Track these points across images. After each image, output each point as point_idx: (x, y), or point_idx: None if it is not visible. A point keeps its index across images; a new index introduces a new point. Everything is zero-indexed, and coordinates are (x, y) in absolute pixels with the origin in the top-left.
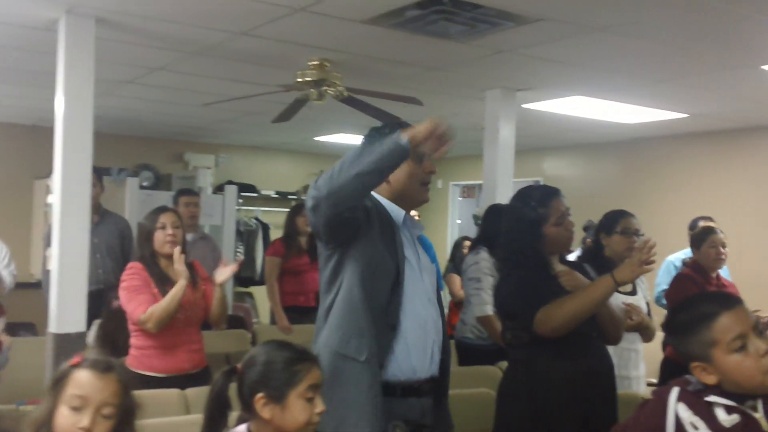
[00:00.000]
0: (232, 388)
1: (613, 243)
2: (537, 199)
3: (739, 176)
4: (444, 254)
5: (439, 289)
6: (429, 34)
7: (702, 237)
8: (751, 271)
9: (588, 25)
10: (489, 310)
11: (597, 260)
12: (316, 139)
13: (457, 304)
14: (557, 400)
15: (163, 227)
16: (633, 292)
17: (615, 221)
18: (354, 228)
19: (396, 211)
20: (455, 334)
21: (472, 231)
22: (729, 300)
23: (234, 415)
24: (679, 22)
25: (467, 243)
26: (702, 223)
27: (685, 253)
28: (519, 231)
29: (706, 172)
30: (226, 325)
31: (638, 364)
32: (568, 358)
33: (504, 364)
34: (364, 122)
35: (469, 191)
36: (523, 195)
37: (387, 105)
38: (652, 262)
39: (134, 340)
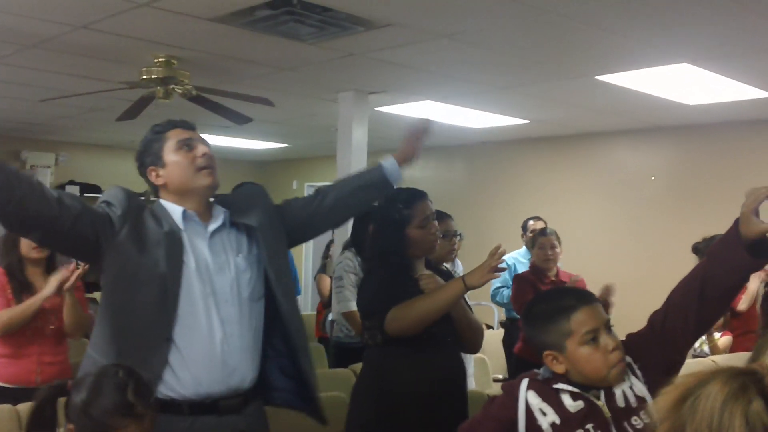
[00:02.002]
0: None
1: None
2: (402, 201)
3: (576, 179)
4: (300, 256)
5: (269, 288)
6: (279, 34)
7: (534, 239)
8: (585, 269)
9: (434, 31)
10: (352, 306)
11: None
12: None
13: (325, 305)
14: (404, 403)
15: None
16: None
17: None
18: (90, 243)
19: (176, 212)
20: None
21: (329, 233)
22: (587, 296)
23: None
24: (520, 33)
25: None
26: (531, 223)
27: (519, 252)
28: (383, 231)
29: (546, 176)
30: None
31: (470, 363)
32: (417, 361)
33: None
34: (216, 122)
35: None
36: (390, 196)
37: (239, 105)
38: (504, 269)
39: None
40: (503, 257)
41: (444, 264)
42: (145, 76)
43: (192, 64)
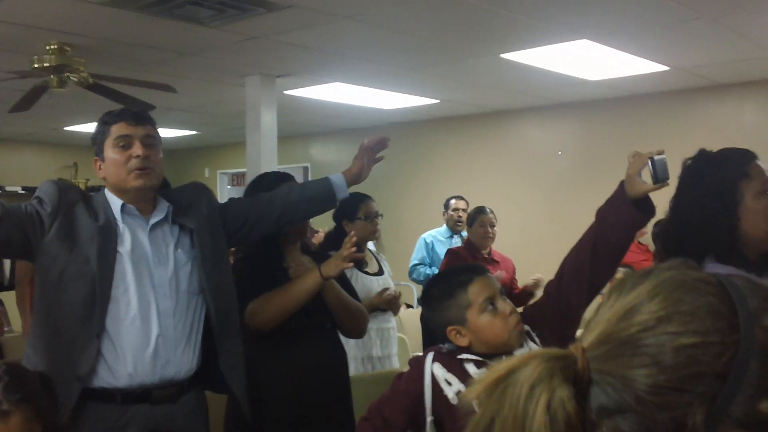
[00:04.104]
0: None
1: (357, 229)
2: (267, 184)
3: (488, 157)
4: None
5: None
6: (177, 18)
7: (474, 217)
8: (500, 243)
9: (337, 13)
10: None
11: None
12: (66, 129)
13: None
14: (273, 395)
15: None
16: (380, 272)
17: (356, 207)
18: (20, 244)
19: (116, 204)
20: None
21: None
22: (479, 269)
23: None
24: (422, 13)
25: None
26: (453, 202)
27: (438, 230)
28: None
29: (459, 154)
30: None
31: (395, 342)
32: (288, 353)
33: None
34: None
35: (238, 179)
36: (257, 181)
37: (140, 93)
38: (360, 256)
39: None
40: (423, 235)
41: (368, 244)
42: (37, 65)
43: (87, 50)
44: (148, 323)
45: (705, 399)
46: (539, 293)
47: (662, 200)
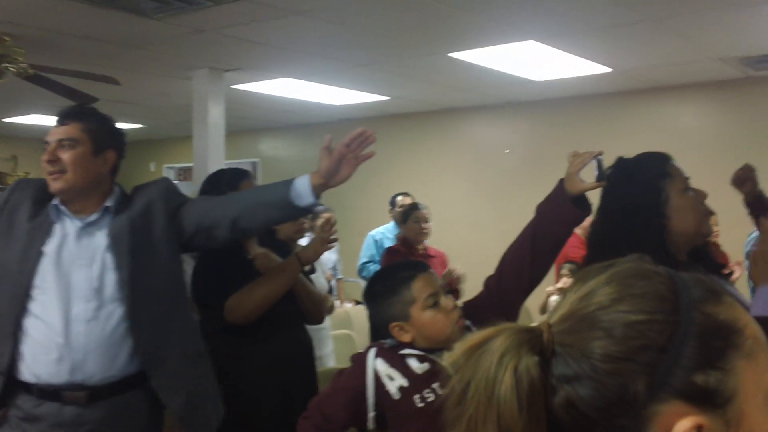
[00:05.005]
0: None
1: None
2: (225, 181)
3: (437, 154)
4: None
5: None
6: (120, 9)
7: (407, 213)
8: (448, 241)
9: (287, 8)
10: None
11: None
12: (4, 120)
13: None
14: (252, 386)
15: None
16: (312, 271)
17: None
18: None
19: (55, 203)
20: None
21: None
22: (421, 265)
23: None
24: (372, 11)
25: None
26: (400, 199)
27: (386, 227)
28: None
29: (408, 151)
30: None
31: (328, 341)
32: (262, 343)
33: None
34: (59, 102)
35: (185, 174)
36: (214, 177)
37: (83, 85)
38: (335, 240)
39: None
40: (371, 232)
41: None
42: None
43: (27, 40)
44: (55, 327)
45: (648, 368)
46: (463, 287)
47: (597, 200)
